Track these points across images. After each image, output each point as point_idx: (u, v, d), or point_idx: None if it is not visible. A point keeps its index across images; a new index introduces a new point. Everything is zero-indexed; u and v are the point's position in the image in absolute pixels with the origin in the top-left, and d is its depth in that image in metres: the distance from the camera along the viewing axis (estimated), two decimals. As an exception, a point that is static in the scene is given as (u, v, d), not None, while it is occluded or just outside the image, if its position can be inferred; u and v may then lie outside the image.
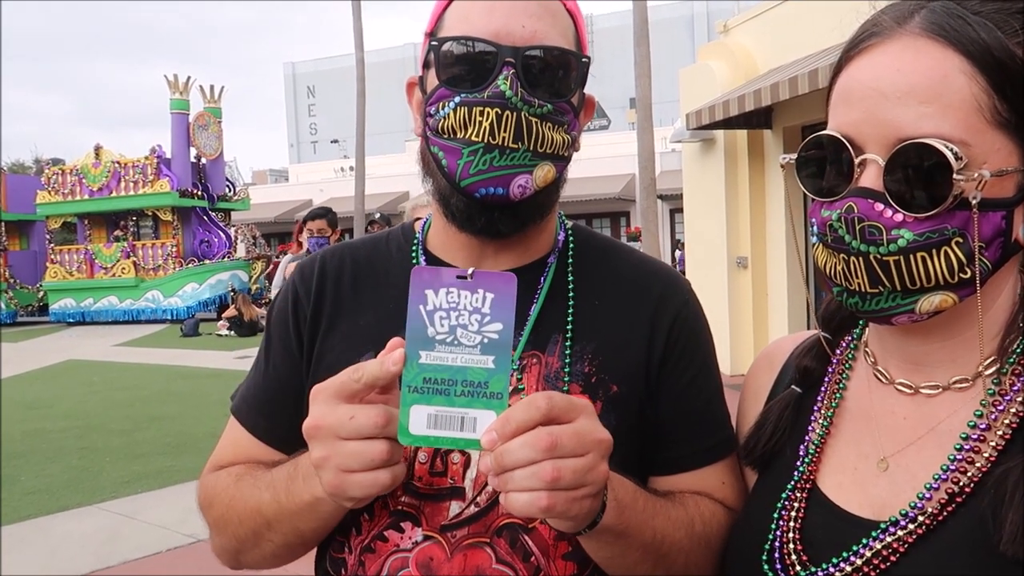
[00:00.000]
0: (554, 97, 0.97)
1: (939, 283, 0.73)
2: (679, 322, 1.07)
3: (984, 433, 0.77)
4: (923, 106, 0.72)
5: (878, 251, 0.74)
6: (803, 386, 0.94)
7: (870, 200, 0.74)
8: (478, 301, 0.79)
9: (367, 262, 1.12)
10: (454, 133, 0.96)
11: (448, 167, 0.96)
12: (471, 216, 0.99)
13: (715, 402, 1.08)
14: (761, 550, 0.85)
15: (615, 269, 1.10)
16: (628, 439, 0.99)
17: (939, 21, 0.74)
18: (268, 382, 1.10)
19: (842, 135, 0.76)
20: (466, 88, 0.95)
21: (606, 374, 1.01)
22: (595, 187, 27.19)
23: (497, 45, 0.94)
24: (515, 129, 0.94)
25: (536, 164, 0.96)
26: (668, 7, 46.64)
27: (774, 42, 9.12)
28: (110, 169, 20.94)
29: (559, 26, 0.99)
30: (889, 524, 0.77)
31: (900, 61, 0.74)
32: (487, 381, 0.77)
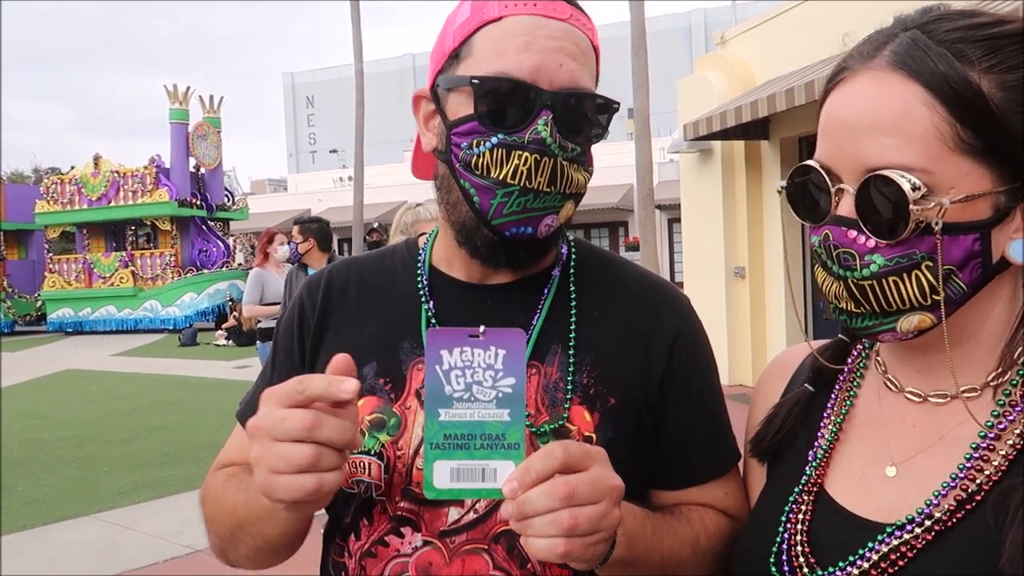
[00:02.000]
0: (585, 142, 1.00)
1: (913, 305, 0.77)
2: (680, 338, 1.08)
3: (994, 443, 0.78)
4: (886, 138, 0.75)
5: (853, 276, 0.78)
6: (816, 385, 0.96)
7: (843, 228, 0.79)
8: (491, 358, 0.83)
9: (373, 276, 1.14)
10: (487, 172, 0.96)
11: (480, 205, 0.98)
12: (495, 252, 1.02)
13: (719, 416, 1.10)
14: (768, 552, 0.87)
15: (615, 282, 1.12)
16: (626, 451, 1.00)
17: (902, 53, 0.77)
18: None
19: (821, 166, 0.81)
20: (503, 128, 0.95)
21: (604, 386, 1.02)
22: (593, 197, 27.24)
23: (537, 88, 0.95)
24: (550, 174, 0.96)
25: (563, 204, 0.99)
26: (666, 19, 46.85)
27: (771, 54, 9.17)
28: (109, 179, 20.96)
29: (589, 66, 1.01)
30: (896, 528, 0.78)
31: (866, 95, 0.78)
32: (504, 433, 0.81)
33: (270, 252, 6.93)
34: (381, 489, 1.01)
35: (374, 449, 1.01)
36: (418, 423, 1.00)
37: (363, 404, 1.02)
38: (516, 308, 1.07)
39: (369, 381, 1.04)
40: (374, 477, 1.01)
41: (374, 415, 1.03)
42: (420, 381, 1.01)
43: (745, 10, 17.07)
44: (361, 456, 1.02)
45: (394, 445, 1.01)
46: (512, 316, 1.05)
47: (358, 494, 1.03)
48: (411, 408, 1.02)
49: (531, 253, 1.03)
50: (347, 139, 33.22)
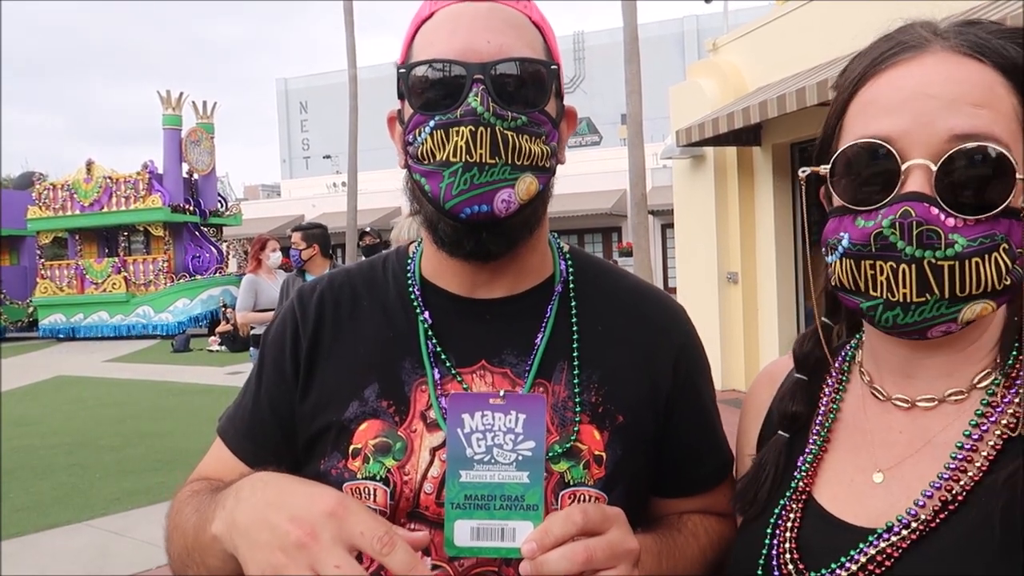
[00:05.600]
0: (528, 108, 0.96)
1: (987, 290, 0.74)
2: (683, 354, 1.08)
3: (976, 444, 0.78)
4: (976, 109, 0.73)
5: (934, 256, 0.73)
6: (790, 430, 0.94)
7: (925, 204, 0.73)
8: (511, 422, 0.84)
9: (366, 289, 1.11)
10: (432, 157, 0.95)
11: (431, 191, 0.96)
12: (459, 240, 0.99)
13: (717, 427, 1.12)
14: (757, 560, 0.87)
15: (615, 295, 1.11)
16: (634, 467, 1.02)
17: (970, 40, 0.77)
18: (258, 406, 1.09)
19: (885, 143, 0.75)
20: (439, 110, 0.95)
21: (612, 404, 1.02)
22: (586, 203, 27.28)
23: (464, 64, 0.94)
24: (491, 144, 0.93)
25: (517, 177, 0.95)
26: (659, 25, 46.99)
27: (762, 60, 9.22)
28: (101, 184, 20.91)
29: (525, 38, 0.99)
30: (883, 531, 0.78)
31: (946, 71, 0.75)
32: (523, 495, 0.83)
33: (262, 259, 6.92)
34: (386, 515, 0.98)
35: (379, 475, 0.98)
36: (425, 446, 0.98)
37: (366, 428, 1.01)
38: (517, 324, 1.05)
39: (372, 404, 1.02)
40: (379, 504, 0.98)
41: (378, 439, 1.00)
42: (425, 403, 1.00)
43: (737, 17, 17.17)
44: (366, 482, 0.99)
45: (400, 470, 0.98)
46: (514, 332, 1.04)
47: None
48: (417, 431, 0.99)
49: (497, 236, 0.98)
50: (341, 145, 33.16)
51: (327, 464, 1.01)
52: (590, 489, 0.98)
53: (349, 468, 1.00)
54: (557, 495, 0.97)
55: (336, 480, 0.99)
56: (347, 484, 0.99)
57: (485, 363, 1.02)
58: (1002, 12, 5.34)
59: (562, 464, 0.98)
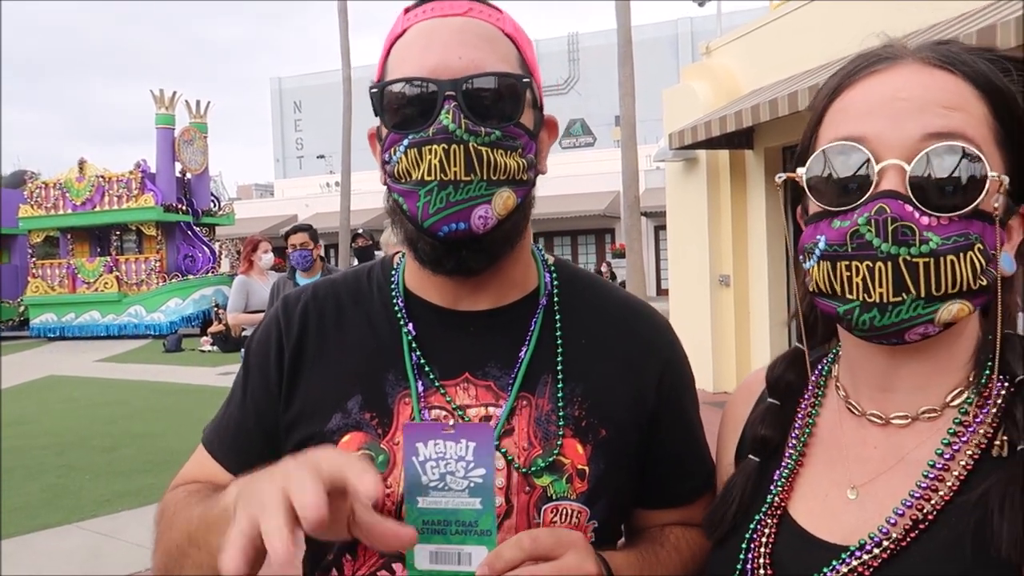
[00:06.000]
0: (502, 122, 0.96)
1: (962, 289, 0.74)
2: (668, 368, 1.09)
3: (948, 462, 0.79)
4: (948, 110, 0.76)
5: (909, 252, 0.73)
6: (761, 455, 0.94)
7: (900, 201, 0.74)
8: (462, 450, 0.87)
9: (350, 300, 1.10)
10: (408, 176, 0.95)
11: (409, 211, 0.96)
12: (439, 259, 0.98)
13: (701, 440, 1.13)
14: (732, 575, 0.87)
15: (600, 308, 1.10)
16: (617, 482, 1.02)
17: (941, 53, 0.80)
18: (244, 415, 1.09)
19: (859, 144, 0.77)
20: (413, 129, 0.95)
21: (596, 418, 1.02)
22: (580, 204, 27.32)
23: (435, 81, 0.94)
24: (465, 161, 0.93)
25: (493, 192, 0.95)
26: (653, 27, 47.08)
27: (756, 64, 9.26)
28: (94, 183, 20.83)
29: (498, 52, 0.99)
30: (856, 548, 0.79)
31: (918, 78, 0.78)
32: (476, 520, 0.86)
33: (254, 260, 6.91)
34: None
35: None
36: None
37: (348, 440, 1.00)
38: (501, 337, 1.04)
39: (355, 416, 1.01)
40: None
41: (361, 451, 0.99)
42: (408, 415, 1.00)
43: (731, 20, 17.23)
44: None
45: (383, 483, 0.97)
46: (498, 345, 1.03)
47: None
48: (399, 444, 0.98)
49: (477, 253, 0.98)
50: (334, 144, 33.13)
51: None
52: (573, 503, 0.98)
53: None
54: (540, 509, 0.97)
55: None
56: None
57: (469, 375, 1.02)
58: (1001, 14, 5.38)
59: (545, 478, 0.98)
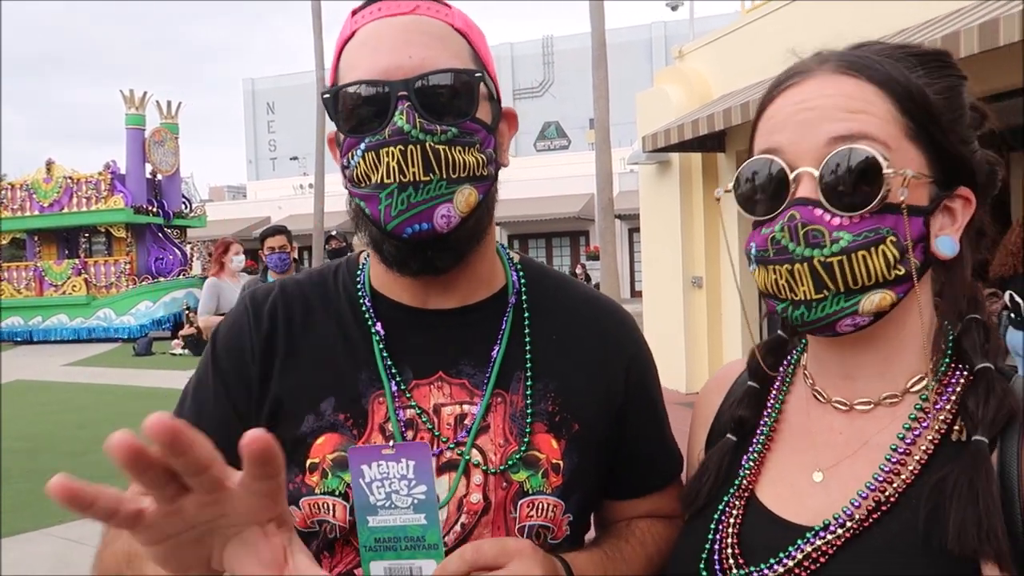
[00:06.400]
0: (457, 119, 0.96)
1: (878, 280, 0.80)
2: (634, 363, 1.11)
3: (910, 447, 0.83)
4: (851, 115, 0.81)
5: (822, 253, 0.79)
6: (738, 435, 0.97)
7: (809, 207, 0.80)
8: (404, 469, 0.90)
9: (318, 300, 1.09)
10: (368, 179, 0.95)
11: (372, 214, 0.96)
12: (405, 260, 0.98)
13: (667, 431, 1.16)
14: (699, 556, 0.90)
15: (567, 306, 1.12)
16: (589, 474, 1.04)
17: (849, 61, 0.86)
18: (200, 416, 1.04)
19: (774, 156, 0.84)
20: (368, 132, 0.95)
21: (568, 413, 1.03)
22: (555, 206, 27.40)
23: (387, 82, 0.93)
24: (423, 161, 0.93)
25: (454, 191, 0.95)
26: (627, 31, 47.36)
27: (727, 68, 9.36)
28: (62, 184, 20.50)
29: (450, 48, 0.98)
30: (819, 529, 0.83)
31: (823, 88, 0.84)
32: (423, 535, 0.90)
33: (225, 262, 6.85)
34: (346, 530, 0.97)
35: (338, 490, 0.97)
36: None
37: (323, 442, 1.00)
38: (472, 335, 1.05)
39: (328, 417, 1.00)
40: (339, 519, 0.97)
41: (336, 453, 0.99)
42: (383, 416, 1.00)
43: (703, 24, 17.40)
44: (324, 497, 0.98)
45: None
46: (470, 343, 1.04)
47: (320, 533, 0.99)
48: (374, 445, 0.98)
49: (442, 252, 0.98)
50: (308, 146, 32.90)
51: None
52: (548, 497, 1.00)
53: (307, 483, 0.98)
54: (516, 504, 0.99)
55: (293, 495, 0.98)
56: (304, 499, 0.98)
57: (443, 374, 1.02)
58: (964, 21, 5.50)
59: (521, 474, 0.99)
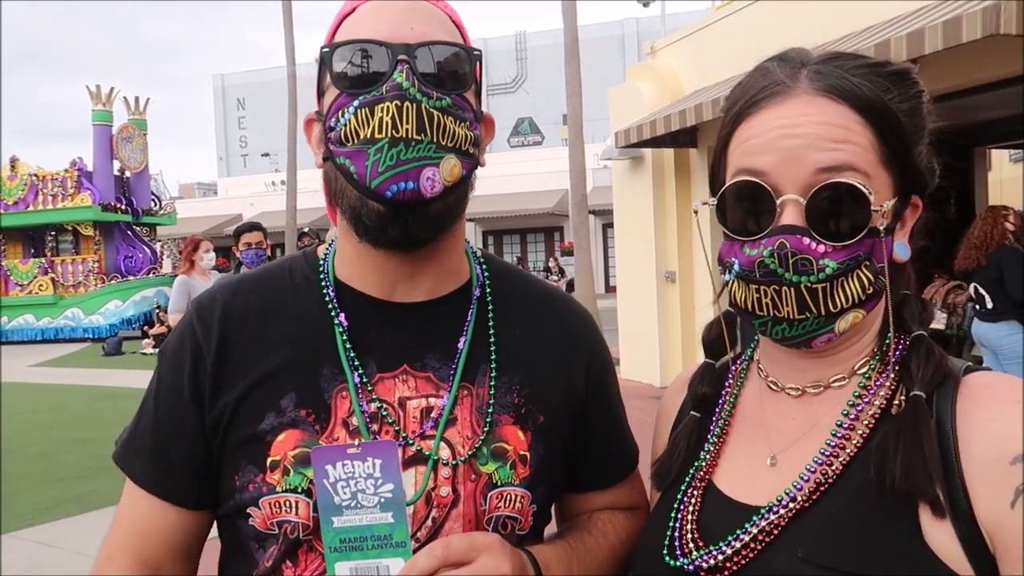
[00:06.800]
0: (451, 91, 0.97)
1: (855, 302, 0.85)
2: (594, 357, 1.14)
3: (853, 423, 0.87)
4: (837, 144, 0.84)
5: (808, 280, 0.83)
6: (701, 411, 1.02)
7: (798, 235, 0.83)
8: (370, 468, 0.90)
9: (274, 296, 1.07)
10: (356, 136, 0.94)
11: (357, 172, 0.95)
12: (384, 225, 0.96)
13: (625, 424, 1.19)
14: (662, 543, 0.94)
15: (529, 300, 1.14)
16: (554, 468, 1.06)
17: (830, 83, 0.87)
18: (159, 430, 1.04)
19: (761, 180, 0.86)
20: (363, 89, 0.95)
21: (533, 405, 1.05)
22: (529, 202, 27.42)
23: (388, 44, 0.95)
24: (417, 120, 0.93)
25: (442, 156, 0.95)
26: (599, 27, 47.47)
27: (698, 64, 9.44)
28: (27, 182, 20.13)
29: (447, 30, 1.02)
30: (770, 506, 0.87)
31: (807, 113, 0.86)
32: (391, 534, 0.90)
33: (195, 260, 6.78)
34: (310, 528, 0.95)
35: (301, 486, 0.95)
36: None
37: (284, 439, 0.97)
38: (438, 328, 1.05)
39: (289, 414, 0.98)
40: (302, 517, 0.95)
41: (298, 450, 0.97)
42: (347, 410, 0.99)
43: (675, 21, 17.50)
44: (286, 495, 0.96)
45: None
46: (436, 336, 1.04)
47: (280, 535, 0.97)
48: (339, 439, 0.97)
49: (421, 220, 0.97)
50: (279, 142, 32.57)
51: (242, 479, 0.98)
52: (516, 488, 1.01)
53: (267, 482, 0.97)
54: (486, 496, 0.99)
55: (252, 495, 0.97)
56: (264, 499, 0.97)
57: (407, 367, 1.02)
58: (928, 18, 5.60)
59: (490, 465, 1.00)
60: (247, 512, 0.98)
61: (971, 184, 10.89)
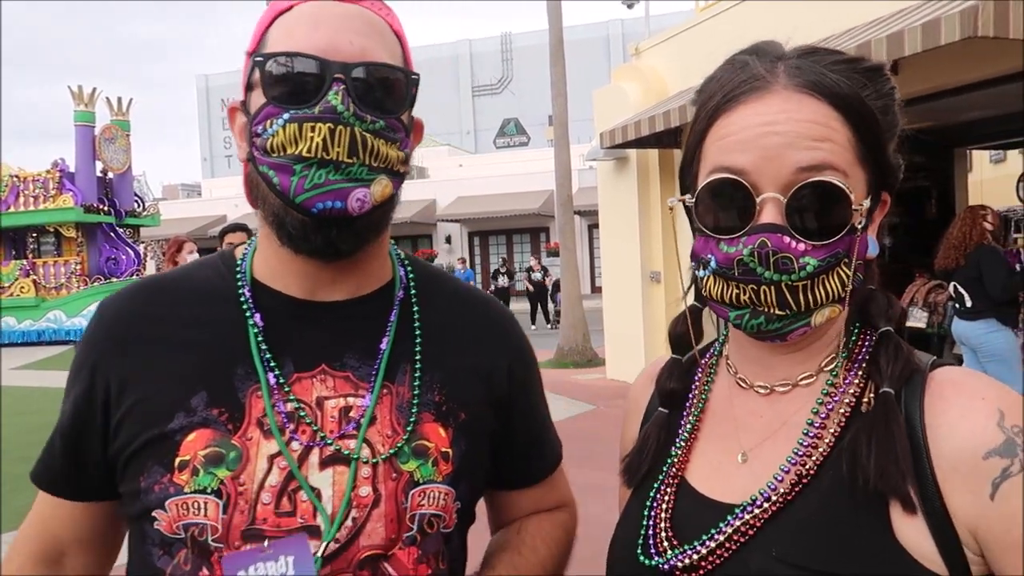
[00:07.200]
0: (386, 114, 0.96)
1: (832, 299, 0.85)
2: (518, 356, 1.15)
3: (824, 421, 0.88)
4: (817, 143, 0.84)
5: (790, 278, 0.83)
6: (669, 406, 1.02)
7: (779, 234, 0.83)
8: (283, 566, 0.90)
9: (186, 296, 1.05)
10: (283, 150, 0.93)
11: (281, 185, 0.93)
12: (307, 234, 0.96)
13: (548, 422, 1.21)
14: (635, 542, 0.93)
15: (452, 301, 1.14)
16: (477, 464, 1.07)
17: (809, 79, 0.87)
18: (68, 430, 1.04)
19: (740, 178, 0.85)
20: (295, 104, 0.93)
21: (455, 402, 1.05)
22: (514, 203, 27.46)
23: (325, 61, 0.93)
24: (349, 144, 0.92)
25: (374, 178, 0.95)
26: (584, 28, 47.61)
27: (683, 65, 9.50)
28: (8, 183, 19.90)
29: (386, 45, 0.99)
30: (747, 504, 0.87)
31: (787, 110, 0.85)
32: None
33: (179, 261, 6.75)
34: (219, 532, 0.93)
35: (211, 487, 0.93)
36: (262, 454, 0.95)
37: (194, 438, 0.95)
38: (356, 328, 1.04)
39: (200, 413, 0.96)
40: (211, 518, 0.93)
41: (209, 449, 0.94)
42: (261, 410, 0.97)
43: (659, 22, 17.60)
44: (194, 496, 0.93)
45: (235, 480, 0.94)
46: (356, 336, 1.03)
47: (188, 539, 0.94)
48: (253, 439, 0.95)
49: (346, 233, 0.96)
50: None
51: (147, 480, 0.95)
52: (439, 486, 1.01)
53: (175, 482, 0.94)
54: (408, 494, 0.98)
55: (159, 497, 0.95)
56: (171, 500, 0.94)
57: (326, 367, 1.01)
58: (907, 20, 5.67)
59: (411, 463, 1.00)
60: (152, 516, 0.95)
61: (951, 185, 11.03)
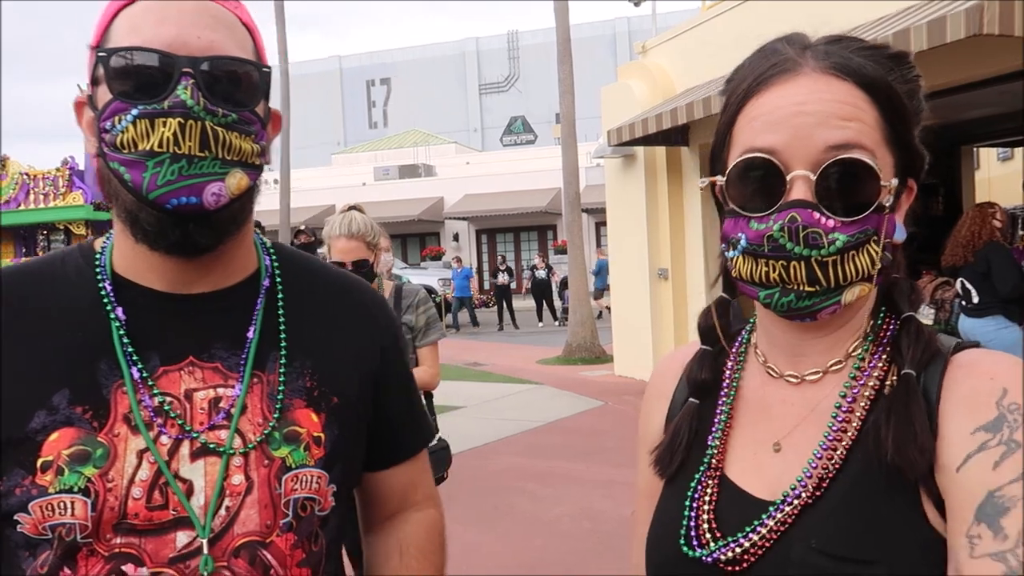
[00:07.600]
0: (238, 107, 0.95)
1: (862, 276, 0.86)
2: (386, 337, 1.17)
3: (852, 405, 0.89)
4: (845, 122, 0.85)
5: (819, 253, 0.84)
6: (700, 397, 1.02)
7: (808, 210, 0.84)
8: None
9: (44, 289, 1.02)
10: (134, 146, 0.91)
11: (132, 181, 0.92)
12: (163, 231, 0.94)
13: (417, 403, 1.24)
14: (678, 534, 0.95)
15: (320, 287, 1.14)
16: (351, 445, 1.08)
17: (836, 61, 0.89)
18: None
19: (771, 157, 0.87)
20: (143, 100, 0.91)
21: (326, 387, 1.05)
22: (522, 201, 27.49)
23: (172, 55, 0.91)
24: (200, 138, 0.91)
25: (228, 172, 0.94)
26: (590, 26, 47.56)
27: (689, 63, 9.52)
28: (18, 181, 20.05)
29: (236, 38, 0.98)
30: (780, 502, 0.89)
31: (817, 90, 0.86)
32: None
33: None
34: (88, 530, 0.91)
35: (77, 485, 0.91)
36: (131, 449, 0.93)
37: (57, 438, 0.92)
38: (225, 319, 1.03)
39: (63, 411, 0.93)
40: (79, 518, 0.91)
41: (73, 448, 0.92)
42: (127, 406, 0.95)
43: (665, 20, 17.61)
44: (60, 496, 0.91)
45: (103, 477, 0.92)
46: (223, 326, 1.03)
47: (54, 540, 0.91)
48: (120, 435, 0.93)
49: (204, 228, 0.96)
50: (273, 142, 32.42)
51: (8, 484, 0.92)
52: (312, 470, 1.01)
53: (37, 484, 0.91)
54: (280, 480, 0.99)
55: (20, 500, 0.91)
56: (35, 503, 0.91)
57: (193, 359, 1.00)
58: (914, 18, 5.69)
59: (283, 449, 1.00)
60: (15, 519, 0.92)
61: (958, 182, 11.02)
